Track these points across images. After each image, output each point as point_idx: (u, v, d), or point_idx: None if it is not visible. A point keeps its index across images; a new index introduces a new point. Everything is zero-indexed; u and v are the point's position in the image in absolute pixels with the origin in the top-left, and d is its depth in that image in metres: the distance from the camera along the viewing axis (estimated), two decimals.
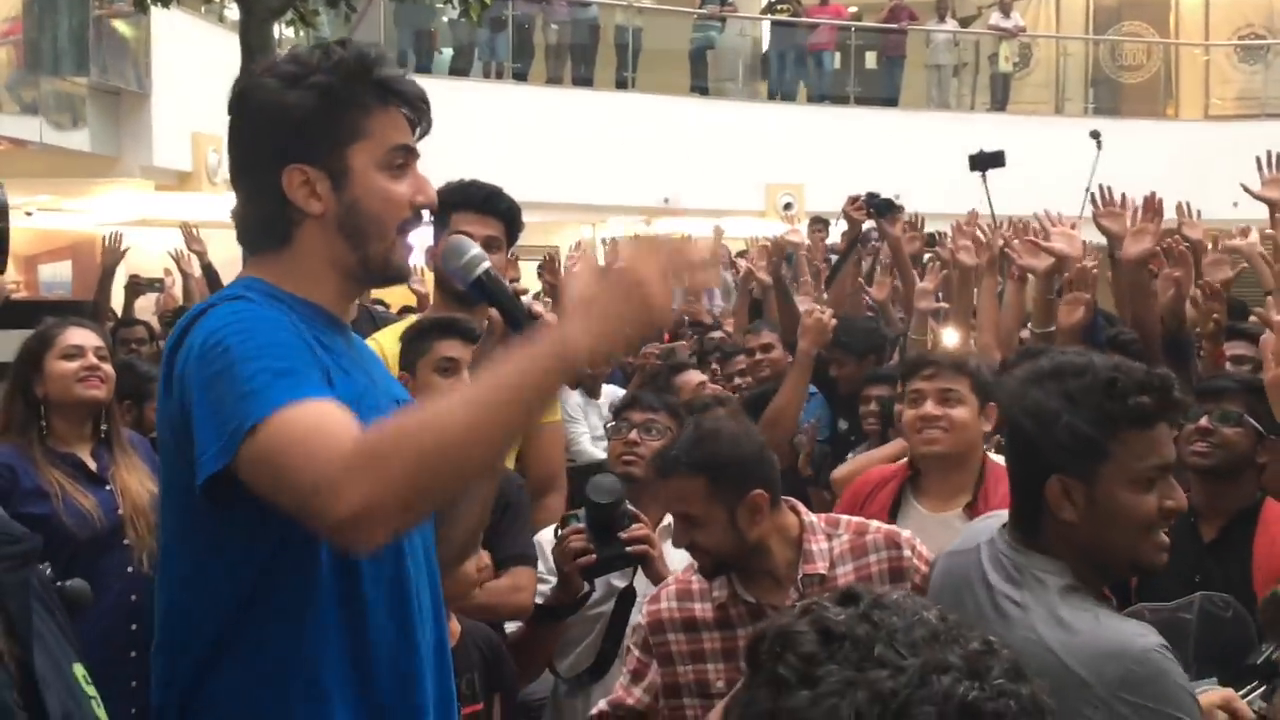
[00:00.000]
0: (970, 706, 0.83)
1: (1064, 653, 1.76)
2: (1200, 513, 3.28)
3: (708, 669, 2.63)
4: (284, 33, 9.58)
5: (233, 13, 10.27)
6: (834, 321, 4.63)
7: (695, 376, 5.27)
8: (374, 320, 4.24)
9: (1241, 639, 2.40)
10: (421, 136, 1.90)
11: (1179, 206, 4.81)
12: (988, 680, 0.85)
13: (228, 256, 11.30)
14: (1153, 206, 4.36)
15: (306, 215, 1.82)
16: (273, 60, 1.88)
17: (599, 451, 5.10)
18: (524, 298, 2.01)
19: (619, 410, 3.56)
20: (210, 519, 1.73)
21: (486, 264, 1.96)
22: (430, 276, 3.47)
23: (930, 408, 3.26)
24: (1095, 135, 9.24)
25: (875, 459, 3.97)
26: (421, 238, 3.40)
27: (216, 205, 13.07)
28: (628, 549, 2.85)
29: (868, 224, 6.87)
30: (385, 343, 3.25)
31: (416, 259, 3.45)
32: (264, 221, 1.85)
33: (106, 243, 7.76)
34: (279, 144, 1.80)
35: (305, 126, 1.79)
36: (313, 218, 1.82)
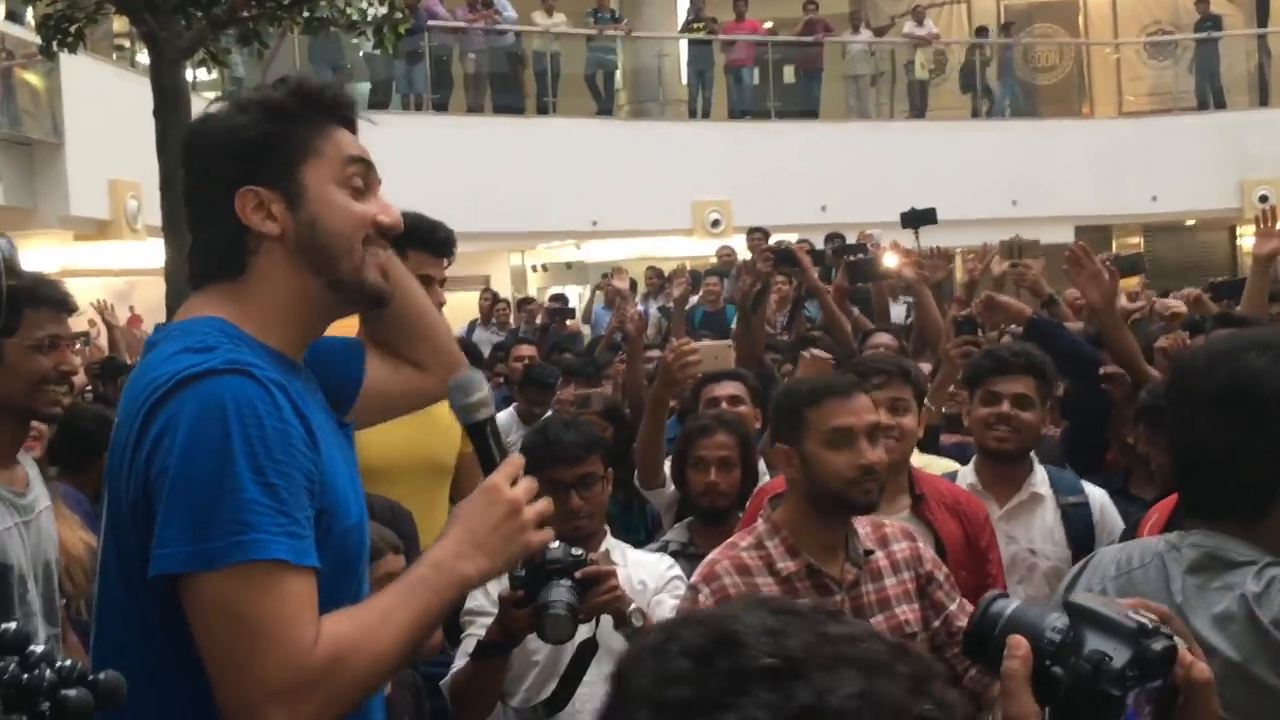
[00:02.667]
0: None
1: None
2: None
3: None
4: (196, 75, 9.48)
5: (144, 57, 10.13)
6: (690, 364, 4.12)
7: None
8: None
9: None
10: None
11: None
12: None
13: (154, 303, 11.15)
14: None
15: (263, 239, 1.76)
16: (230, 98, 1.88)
17: None
18: (492, 409, 1.95)
19: (539, 468, 3.35)
20: (149, 598, 1.67)
21: (490, 411, 1.93)
22: None
23: (883, 417, 3.22)
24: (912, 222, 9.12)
25: None
26: None
27: (139, 252, 12.88)
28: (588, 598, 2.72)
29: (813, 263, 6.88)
30: None
31: None
32: (217, 250, 1.78)
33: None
34: (230, 168, 1.76)
35: (254, 147, 1.76)
36: (270, 241, 1.76)
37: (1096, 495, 3.67)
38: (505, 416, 5.53)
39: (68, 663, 1.29)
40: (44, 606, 2.90)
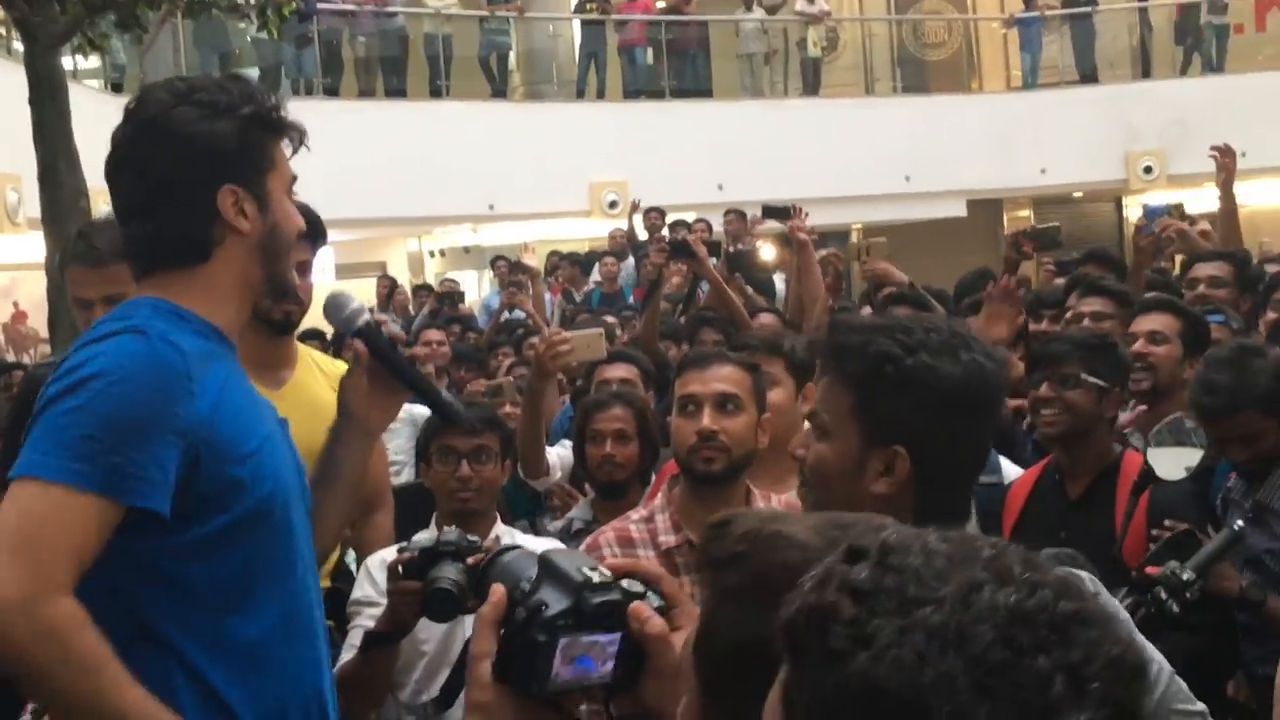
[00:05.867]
0: (1015, 610, 0.86)
1: None
2: (1064, 472, 3.34)
3: None
4: (76, 61, 9.22)
5: (20, 44, 9.84)
6: (562, 354, 4.02)
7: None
8: None
9: None
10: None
11: None
12: (1016, 580, 0.88)
13: (39, 298, 10.84)
14: None
15: (231, 234, 1.99)
16: (171, 86, 2.02)
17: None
18: (368, 315, 2.27)
19: (432, 434, 3.28)
20: None
21: (367, 317, 2.24)
22: None
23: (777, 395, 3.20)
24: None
25: None
26: None
27: (20, 246, 12.52)
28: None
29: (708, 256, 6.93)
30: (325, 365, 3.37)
31: None
32: (186, 238, 1.98)
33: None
34: (213, 167, 1.98)
35: (237, 153, 1.99)
36: (237, 236, 2.00)
37: (1012, 474, 3.63)
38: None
39: None
40: None
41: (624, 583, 1.36)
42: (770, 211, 7.30)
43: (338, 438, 2.26)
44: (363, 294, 13.22)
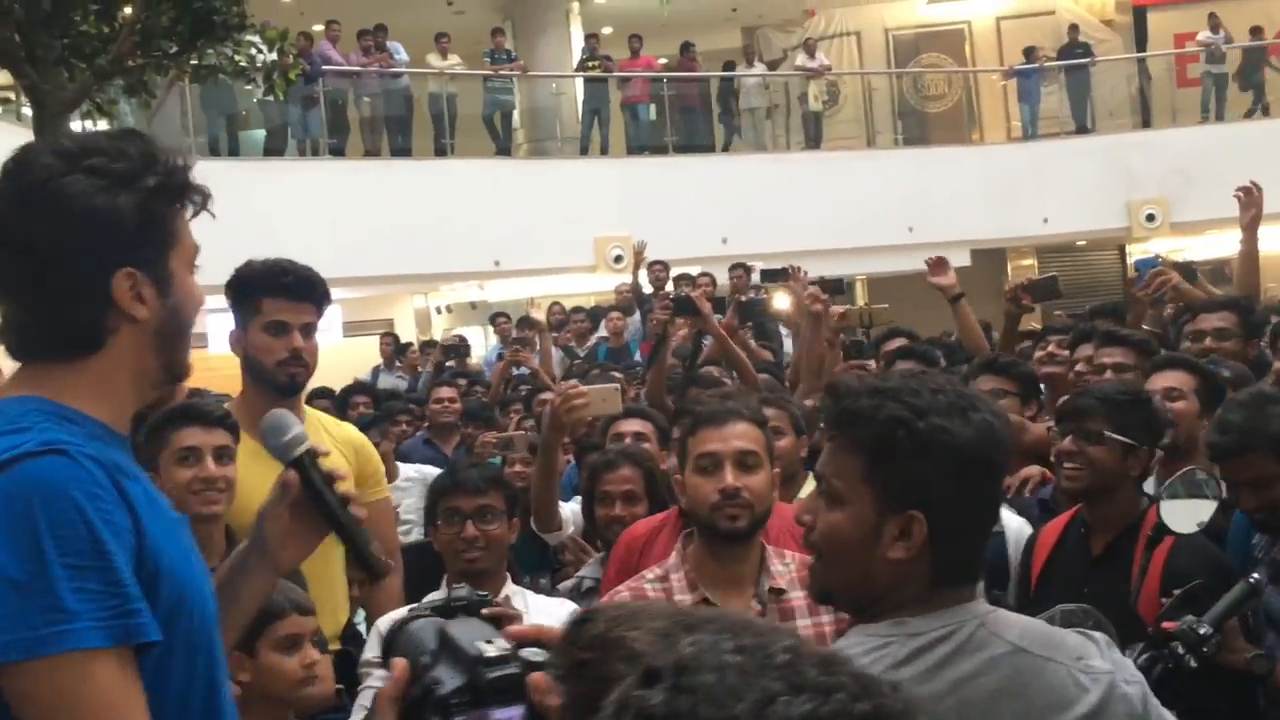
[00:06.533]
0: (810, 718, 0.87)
1: None
2: (1090, 526, 3.30)
3: None
4: (85, 126, 9.29)
5: (28, 109, 9.92)
6: (578, 408, 3.98)
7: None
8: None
9: None
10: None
11: None
12: (810, 686, 0.89)
13: None
14: None
15: (127, 322, 1.72)
16: (59, 148, 1.73)
17: None
18: (307, 444, 1.94)
19: (438, 495, 3.32)
20: None
21: (306, 446, 1.91)
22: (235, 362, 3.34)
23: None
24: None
25: None
26: (224, 323, 3.32)
27: None
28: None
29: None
30: (352, 436, 3.39)
31: (219, 345, 3.37)
32: (73, 327, 1.71)
33: None
34: (108, 247, 1.69)
35: (137, 230, 1.70)
36: (133, 323, 1.72)
37: (1014, 525, 3.63)
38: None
39: None
40: None
41: (526, 652, 1.31)
42: (769, 275, 7.31)
43: (243, 566, 1.96)
44: (369, 350, 13.28)
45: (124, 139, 1.76)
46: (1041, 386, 4.77)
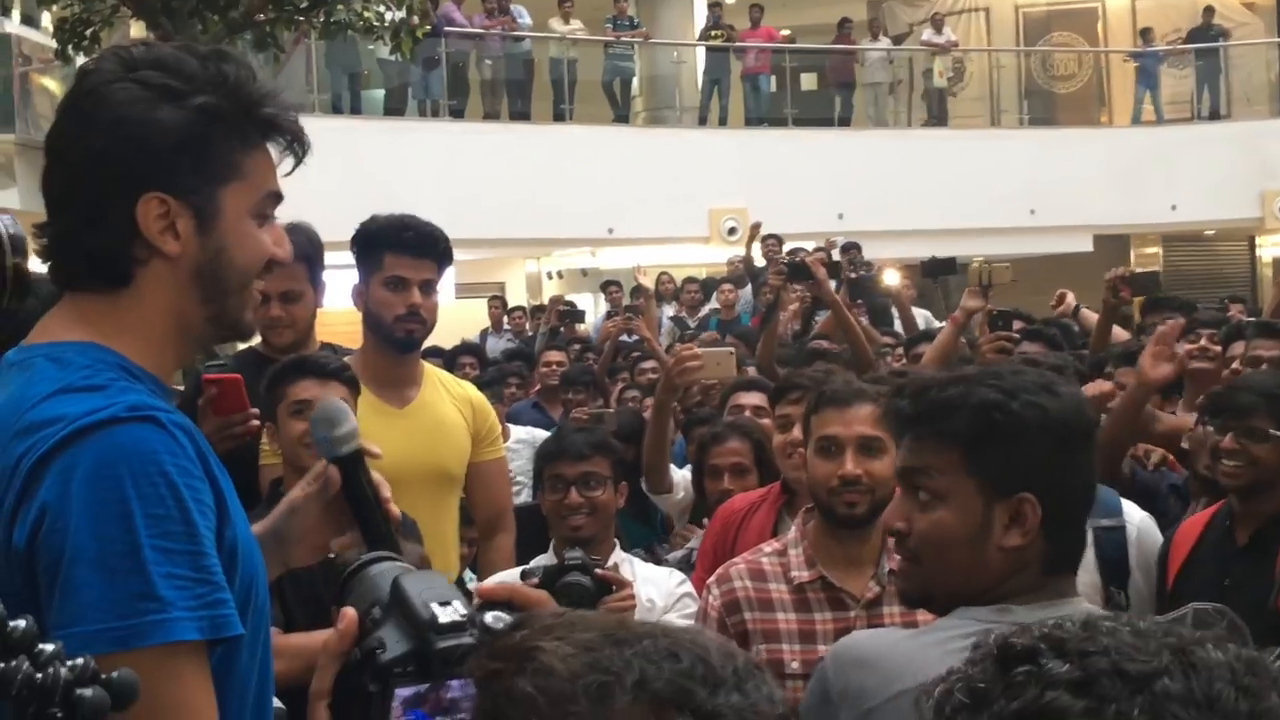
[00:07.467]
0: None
1: None
2: (1236, 518, 3.22)
3: (783, 650, 2.67)
4: None
5: None
6: (691, 370, 3.93)
7: None
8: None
9: None
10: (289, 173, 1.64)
11: None
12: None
13: None
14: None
15: (155, 254, 1.52)
16: (128, 54, 1.54)
17: None
18: (358, 441, 1.72)
19: (544, 461, 3.28)
20: None
21: (357, 444, 1.70)
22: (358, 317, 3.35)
23: (798, 432, 3.11)
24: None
25: None
26: (348, 278, 3.34)
27: None
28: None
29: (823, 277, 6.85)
30: (470, 394, 3.45)
31: (343, 299, 3.39)
32: (99, 254, 1.52)
33: None
34: (139, 165, 1.49)
35: (177, 152, 1.50)
36: (163, 258, 1.52)
37: (1136, 518, 3.48)
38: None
39: (79, 661, 1.13)
40: None
41: (489, 616, 1.14)
42: (931, 267, 7.26)
43: None
44: (481, 313, 13.37)
45: (211, 53, 1.57)
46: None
